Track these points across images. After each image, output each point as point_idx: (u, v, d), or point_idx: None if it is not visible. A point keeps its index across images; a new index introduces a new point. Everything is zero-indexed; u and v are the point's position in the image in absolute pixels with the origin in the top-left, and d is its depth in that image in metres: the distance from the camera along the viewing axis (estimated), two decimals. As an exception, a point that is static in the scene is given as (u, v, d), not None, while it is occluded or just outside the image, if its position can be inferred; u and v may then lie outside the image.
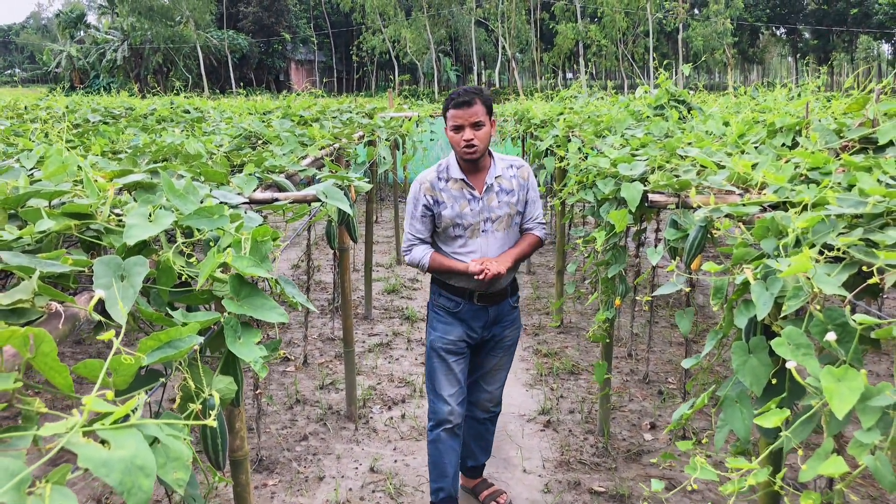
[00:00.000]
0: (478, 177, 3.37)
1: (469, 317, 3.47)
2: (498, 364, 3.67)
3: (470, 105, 3.20)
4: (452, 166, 3.37)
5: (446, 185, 3.35)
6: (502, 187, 3.38)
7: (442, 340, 3.49)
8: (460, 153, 3.27)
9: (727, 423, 1.74)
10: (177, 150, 3.24)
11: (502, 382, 3.75)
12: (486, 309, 3.47)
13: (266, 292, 1.76)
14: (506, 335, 3.61)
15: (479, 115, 3.21)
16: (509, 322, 3.60)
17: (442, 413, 3.50)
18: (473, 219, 3.33)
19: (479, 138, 3.22)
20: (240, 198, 2.16)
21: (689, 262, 2.16)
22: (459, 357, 3.52)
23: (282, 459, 4.30)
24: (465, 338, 3.50)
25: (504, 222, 3.38)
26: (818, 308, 1.46)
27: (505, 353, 3.66)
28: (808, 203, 1.79)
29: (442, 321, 3.51)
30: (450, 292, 3.47)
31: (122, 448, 0.92)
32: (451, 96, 3.28)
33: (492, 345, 3.60)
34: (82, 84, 53.85)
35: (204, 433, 1.42)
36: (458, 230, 3.35)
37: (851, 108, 2.73)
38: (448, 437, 3.52)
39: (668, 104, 4.83)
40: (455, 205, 3.32)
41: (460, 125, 3.22)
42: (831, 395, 1.31)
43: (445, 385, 3.50)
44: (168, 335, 1.19)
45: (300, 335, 6.35)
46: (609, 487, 4.00)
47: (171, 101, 8.36)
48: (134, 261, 1.38)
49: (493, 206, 3.35)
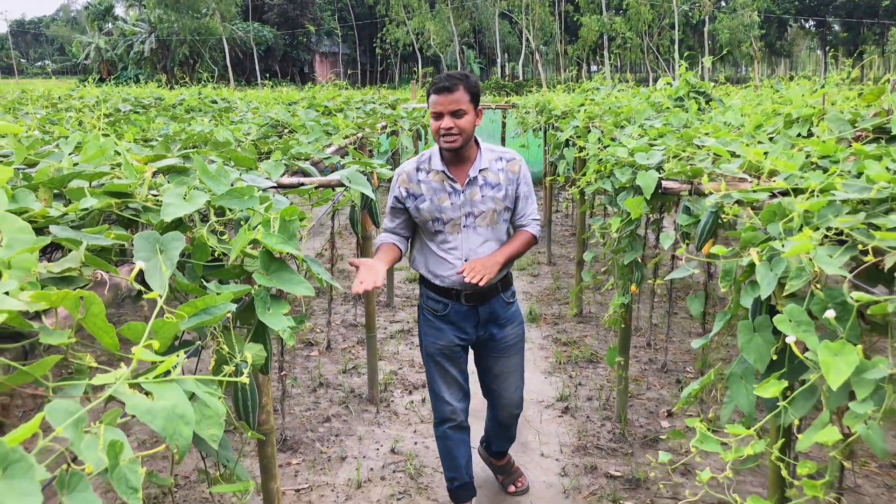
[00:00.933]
0: (461, 169, 3.15)
1: (458, 319, 3.29)
2: (508, 367, 3.46)
3: (451, 91, 2.95)
4: (435, 157, 3.16)
5: (426, 177, 3.15)
6: (487, 181, 3.14)
7: (434, 346, 3.37)
8: (439, 142, 3.04)
9: (733, 399, 1.81)
10: (206, 138, 3.35)
11: (519, 384, 3.53)
12: (475, 309, 3.28)
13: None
14: (507, 334, 3.40)
15: (461, 103, 2.96)
16: (507, 320, 3.39)
17: (444, 413, 3.46)
18: (454, 213, 3.12)
19: (459, 127, 2.98)
20: (268, 182, 2.26)
21: (701, 246, 2.23)
22: (455, 360, 3.39)
23: (305, 440, 4.42)
24: (456, 342, 3.34)
25: (488, 218, 3.15)
26: (819, 287, 1.52)
27: (511, 354, 3.45)
28: (815, 189, 1.85)
29: (432, 326, 3.35)
30: (436, 293, 3.29)
31: (164, 399, 1.02)
32: (433, 81, 3.04)
33: (493, 346, 3.40)
34: (110, 75, 54.46)
35: (236, 397, 1.52)
36: (438, 225, 3.15)
37: (867, 98, 2.77)
38: (454, 433, 3.51)
39: (688, 96, 4.87)
40: (434, 198, 3.12)
41: (439, 112, 2.97)
42: (827, 368, 1.38)
43: (444, 387, 3.43)
44: (204, 302, 1.29)
45: (324, 321, 6.46)
46: (625, 472, 4.07)
47: (199, 92, 8.51)
48: (171, 236, 1.47)
49: (476, 200, 3.12)
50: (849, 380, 1.37)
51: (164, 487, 3.89)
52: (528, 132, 9.82)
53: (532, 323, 6.63)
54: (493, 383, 3.50)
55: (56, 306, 1.06)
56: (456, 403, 3.45)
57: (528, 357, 5.76)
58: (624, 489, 3.92)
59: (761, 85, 7.85)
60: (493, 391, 3.54)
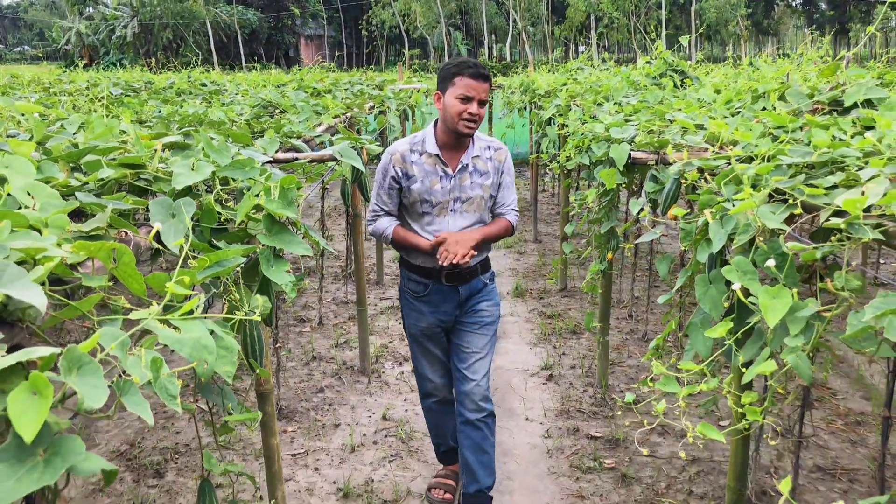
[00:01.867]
0: (454, 155, 3.22)
1: (439, 300, 3.35)
2: (478, 346, 3.39)
3: (486, 80, 3.05)
4: (428, 140, 3.20)
5: (419, 159, 3.20)
6: (477, 168, 3.23)
7: (415, 328, 3.45)
8: (458, 125, 3.07)
9: (693, 346, 2.01)
10: (200, 119, 3.51)
11: (486, 373, 3.41)
12: (455, 289, 3.33)
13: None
14: (483, 310, 3.40)
15: (487, 95, 3.08)
16: (484, 296, 3.42)
17: (426, 388, 3.61)
18: (443, 197, 3.20)
19: (481, 116, 3.09)
20: (264, 157, 2.42)
21: (665, 210, 2.41)
22: (437, 340, 3.46)
23: (300, 409, 4.61)
24: (437, 323, 3.40)
25: (475, 204, 3.25)
26: (761, 240, 1.71)
27: (484, 333, 3.41)
28: (766, 155, 2.03)
29: (412, 308, 3.42)
30: (417, 274, 3.35)
31: (190, 332, 1.19)
32: (462, 62, 3.07)
33: (469, 321, 3.40)
34: (92, 60, 54.05)
35: (244, 342, 1.70)
36: (426, 207, 3.21)
37: (824, 73, 2.96)
38: (438, 406, 3.65)
39: (665, 74, 5.04)
40: (426, 180, 3.18)
41: (471, 97, 3.02)
42: (766, 309, 1.57)
43: (426, 365, 3.54)
44: (217, 256, 1.46)
45: (315, 299, 6.64)
46: (606, 433, 4.28)
47: (189, 76, 8.62)
48: (183, 201, 1.64)
49: (466, 185, 3.21)
50: (784, 319, 1.56)
51: (167, 453, 4.07)
52: (514, 112, 9.98)
53: (518, 297, 6.83)
54: (462, 363, 3.39)
55: (94, 256, 1.23)
56: (438, 380, 3.56)
57: (515, 330, 5.97)
58: (604, 448, 4.14)
59: (741, 63, 8.03)
60: (460, 375, 3.40)
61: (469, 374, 3.36)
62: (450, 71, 3.07)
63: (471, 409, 3.38)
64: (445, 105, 3.09)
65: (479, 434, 3.40)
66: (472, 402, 3.37)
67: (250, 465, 3.98)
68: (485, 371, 3.40)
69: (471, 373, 3.36)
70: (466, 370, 3.37)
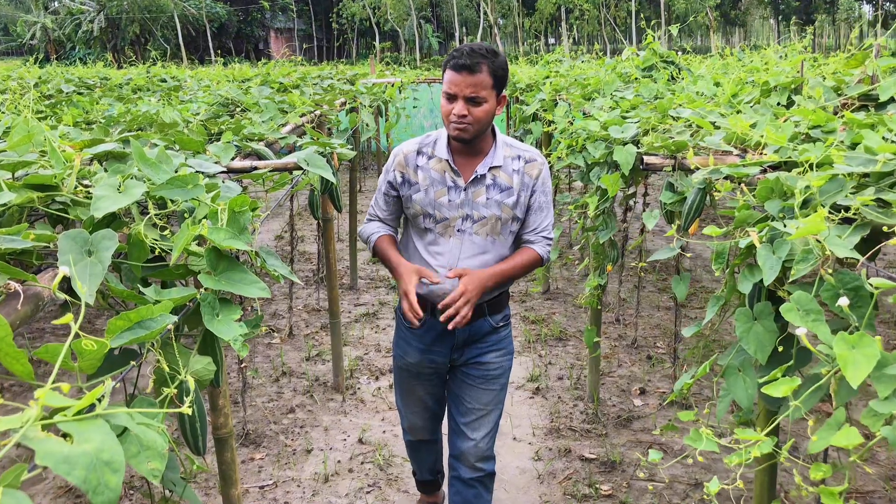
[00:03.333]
0: (469, 162, 2.61)
1: (430, 338, 2.74)
2: (481, 403, 2.79)
3: (472, 71, 2.40)
4: (441, 141, 2.62)
5: (427, 163, 2.62)
6: (497, 181, 2.58)
7: (402, 360, 2.89)
8: (448, 129, 2.52)
9: (729, 392, 1.68)
10: (152, 119, 3.13)
11: (490, 430, 2.82)
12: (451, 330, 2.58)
13: (248, 264, 1.67)
14: (488, 360, 2.77)
15: (481, 88, 2.43)
16: (492, 345, 2.78)
17: (405, 423, 3.11)
18: (450, 213, 2.59)
19: (474, 117, 2.45)
20: (217, 167, 2.06)
21: (687, 226, 2.09)
22: (423, 381, 2.90)
23: (269, 433, 4.24)
24: (427, 364, 2.81)
25: (489, 226, 2.59)
26: (829, 272, 1.39)
27: (489, 388, 2.80)
28: (814, 162, 1.71)
29: (402, 337, 2.86)
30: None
31: (87, 441, 0.84)
32: (452, 53, 2.47)
33: (470, 373, 2.79)
34: (58, 56, 52.83)
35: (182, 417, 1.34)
36: (429, 222, 2.62)
37: (850, 64, 2.65)
38: (418, 443, 3.18)
39: (658, 66, 4.73)
40: (431, 189, 2.59)
41: (453, 94, 2.45)
42: (845, 364, 1.24)
43: (407, 402, 3.02)
44: (139, 314, 1.11)
45: (285, 307, 6.26)
46: (600, 454, 3.97)
47: (148, 70, 8.17)
48: (102, 234, 1.28)
49: (479, 202, 2.58)
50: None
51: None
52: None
53: (500, 302, 6.50)
54: (463, 419, 2.82)
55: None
56: (417, 422, 3.05)
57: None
58: (599, 472, 3.82)
59: (724, 54, 7.76)
60: (458, 431, 2.84)
61: (468, 431, 2.80)
62: (444, 64, 2.52)
63: (466, 468, 2.84)
64: (441, 105, 2.54)
65: (471, 492, 2.86)
66: (468, 461, 2.83)
67: (213, 500, 3.61)
68: (488, 429, 2.82)
69: (470, 430, 2.80)
70: (465, 427, 2.81)
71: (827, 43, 58.26)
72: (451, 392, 2.89)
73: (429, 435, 3.10)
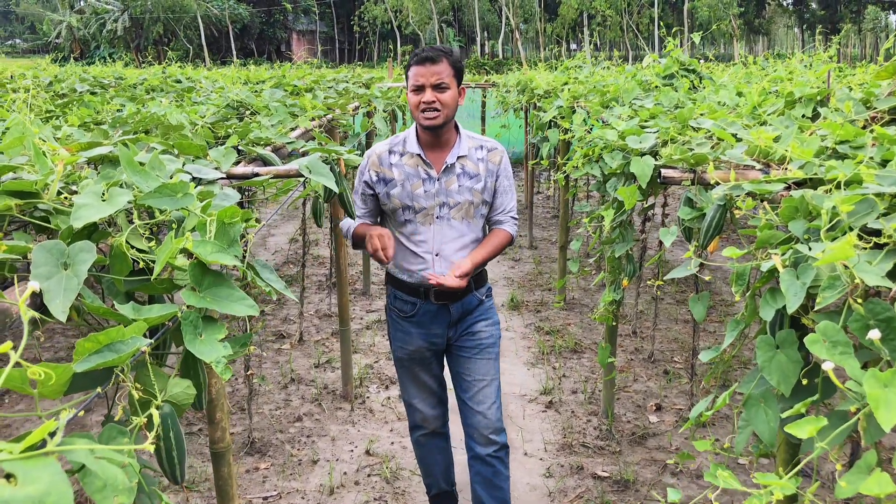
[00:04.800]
0: (438, 154, 2.91)
1: (427, 319, 2.99)
2: (482, 374, 3.02)
3: (434, 62, 2.73)
4: (410, 140, 2.91)
5: (399, 160, 2.91)
6: (465, 170, 2.90)
7: (402, 351, 3.09)
8: (419, 118, 2.80)
9: (750, 423, 1.58)
10: (159, 121, 3.06)
11: (495, 401, 3.03)
12: (446, 308, 2.97)
13: (236, 278, 1.59)
14: (479, 330, 3.03)
15: (444, 76, 2.74)
16: (481, 315, 3.05)
17: (415, 420, 3.23)
18: (427, 202, 2.87)
19: (441, 102, 2.75)
20: (216, 173, 1.98)
21: (706, 244, 1.98)
22: (426, 365, 3.11)
23: (275, 441, 4.16)
24: (426, 346, 3.04)
25: (464, 210, 2.90)
26: (859, 301, 1.28)
27: (486, 357, 3.04)
28: (842, 180, 1.60)
29: (400, 329, 3.07)
30: (403, 291, 3.00)
31: (32, 483, 0.76)
32: (413, 53, 2.83)
33: (466, 346, 3.03)
34: (83, 55, 53.31)
35: (157, 445, 1.25)
36: (409, 214, 2.89)
37: (880, 76, 2.53)
38: (428, 440, 3.26)
39: (678, 74, 4.62)
40: (407, 183, 2.87)
41: (421, 85, 2.74)
42: (877, 403, 1.14)
43: (415, 392, 3.17)
44: (108, 336, 1.02)
45: (296, 312, 6.19)
46: (613, 472, 3.86)
47: (163, 71, 8.14)
48: (79, 246, 1.20)
49: (452, 189, 2.88)
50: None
51: None
52: (508, 112, 9.53)
53: (514, 310, 6.40)
54: (467, 394, 3.04)
55: None
56: (427, 411, 3.19)
57: (510, 347, 5.54)
58: (612, 491, 3.72)
59: (747, 62, 7.61)
60: (466, 408, 3.05)
61: (474, 405, 3.01)
62: (407, 65, 2.85)
63: (481, 444, 3.02)
64: (409, 102, 2.85)
65: (489, 470, 3.03)
66: (481, 435, 3.01)
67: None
68: (493, 398, 3.03)
69: (476, 403, 3.01)
70: (470, 401, 3.02)
71: (853, 53, 57.67)
72: (452, 373, 3.13)
73: (440, 424, 3.24)
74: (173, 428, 1.20)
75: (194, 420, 4.35)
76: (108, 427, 1.05)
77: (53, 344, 5.64)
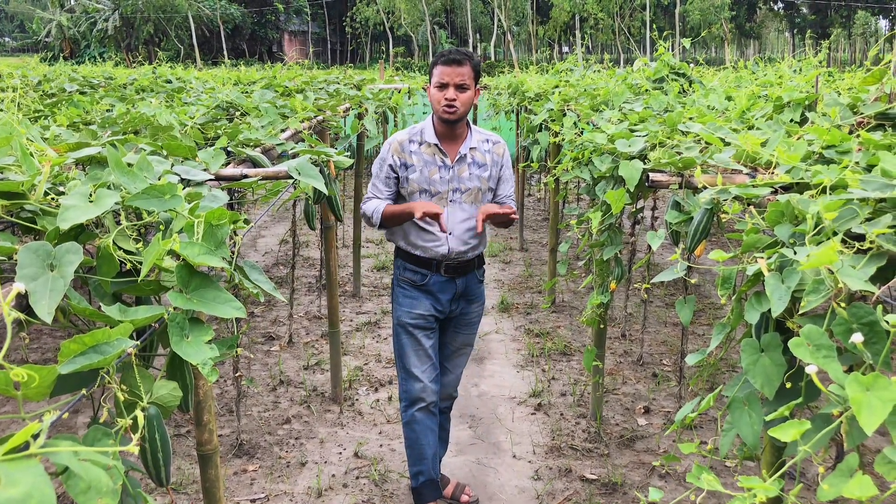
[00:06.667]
0: (452, 145, 3.29)
1: (437, 289, 3.34)
2: (465, 343, 3.57)
3: (460, 64, 3.11)
4: (427, 130, 3.28)
5: (418, 149, 3.27)
6: (475, 160, 3.30)
7: (409, 315, 3.35)
8: (439, 112, 3.17)
9: (734, 426, 1.59)
10: (148, 122, 3.06)
11: (464, 364, 3.66)
12: (453, 281, 3.35)
13: (223, 280, 1.59)
14: (472, 310, 3.51)
15: (466, 78, 3.12)
16: (475, 296, 3.50)
17: (414, 391, 3.37)
18: (442, 187, 3.25)
19: (461, 101, 3.13)
20: (205, 174, 1.98)
21: (693, 247, 2.00)
22: (429, 332, 3.39)
23: (263, 444, 4.16)
24: (432, 311, 3.37)
25: (473, 195, 3.29)
26: (842, 305, 1.29)
27: (471, 331, 3.57)
28: (827, 185, 1.62)
29: (408, 295, 3.37)
30: (415, 264, 3.34)
31: (14, 485, 0.75)
32: (440, 52, 3.19)
33: (459, 321, 3.49)
34: (73, 54, 53.02)
35: (143, 447, 1.25)
36: (425, 197, 3.25)
37: (867, 81, 2.55)
38: (424, 417, 3.38)
39: (668, 77, 4.63)
40: (425, 169, 3.24)
41: (445, 83, 3.12)
42: (859, 407, 1.15)
43: (416, 362, 3.37)
44: (94, 338, 1.02)
45: (286, 314, 6.18)
46: (601, 475, 3.87)
47: (154, 71, 8.12)
48: (66, 248, 1.20)
49: (464, 176, 3.27)
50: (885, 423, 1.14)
51: None
52: (499, 115, 9.54)
53: (503, 312, 6.41)
54: (448, 360, 3.58)
55: None
56: (427, 381, 3.37)
57: (500, 349, 5.55)
58: (600, 494, 3.72)
59: (737, 66, 7.65)
60: (442, 367, 3.56)
61: (450, 366, 3.60)
62: (433, 62, 3.21)
63: (443, 398, 3.59)
64: (430, 96, 3.22)
65: (443, 417, 3.68)
66: (446, 393, 3.62)
67: (203, 512, 3.53)
68: (464, 363, 3.67)
69: (452, 366, 3.61)
70: (448, 364, 3.59)
71: (842, 57, 57.98)
72: (440, 343, 3.55)
73: (434, 398, 3.43)
74: (159, 430, 1.20)
75: (182, 422, 4.33)
76: (93, 429, 1.04)
77: (41, 345, 5.61)
